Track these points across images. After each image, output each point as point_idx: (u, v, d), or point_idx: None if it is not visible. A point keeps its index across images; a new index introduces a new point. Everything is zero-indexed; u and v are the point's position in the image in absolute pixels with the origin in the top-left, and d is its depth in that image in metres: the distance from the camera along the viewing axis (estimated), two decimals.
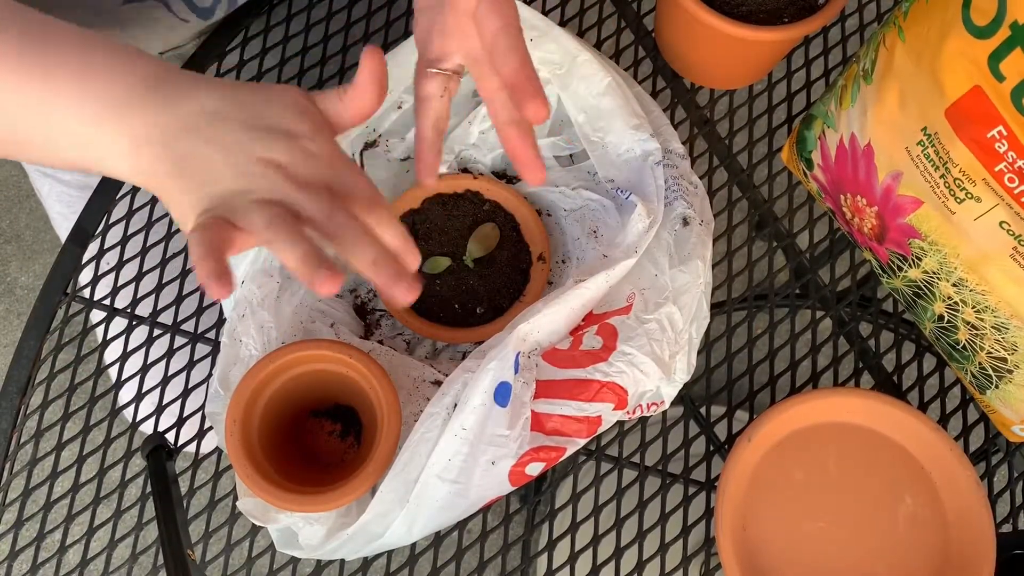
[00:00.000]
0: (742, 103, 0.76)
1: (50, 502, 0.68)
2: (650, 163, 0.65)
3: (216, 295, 0.45)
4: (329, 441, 0.64)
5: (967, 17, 0.49)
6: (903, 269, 0.62)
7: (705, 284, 0.64)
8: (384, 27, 0.78)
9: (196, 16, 0.74)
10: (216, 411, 0.62)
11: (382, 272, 0.48)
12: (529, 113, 0.53)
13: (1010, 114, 0.49)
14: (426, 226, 0.68)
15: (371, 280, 0.48)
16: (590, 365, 0.60)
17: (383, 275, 0.48)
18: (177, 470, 0.66)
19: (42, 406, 0.70)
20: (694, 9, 0.66)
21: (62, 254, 0.73)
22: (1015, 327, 0.57)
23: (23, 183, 1.57)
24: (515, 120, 0.58)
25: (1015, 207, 0.51)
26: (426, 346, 0.67)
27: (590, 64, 0.67)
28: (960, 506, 0.60)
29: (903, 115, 0.55)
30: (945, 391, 0.70)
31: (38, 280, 1.53)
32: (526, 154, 0.58)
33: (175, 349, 0.71)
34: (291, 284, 0.65)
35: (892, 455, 0.62)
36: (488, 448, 0.57)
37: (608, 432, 0.63)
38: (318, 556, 0.60)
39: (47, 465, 0.69)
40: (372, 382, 0.59)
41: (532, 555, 0.68)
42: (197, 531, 0.66)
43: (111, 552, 0.66)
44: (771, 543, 0.61)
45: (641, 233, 0.62)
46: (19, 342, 0.70)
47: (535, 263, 0.67)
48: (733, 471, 0.61)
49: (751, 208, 0.73)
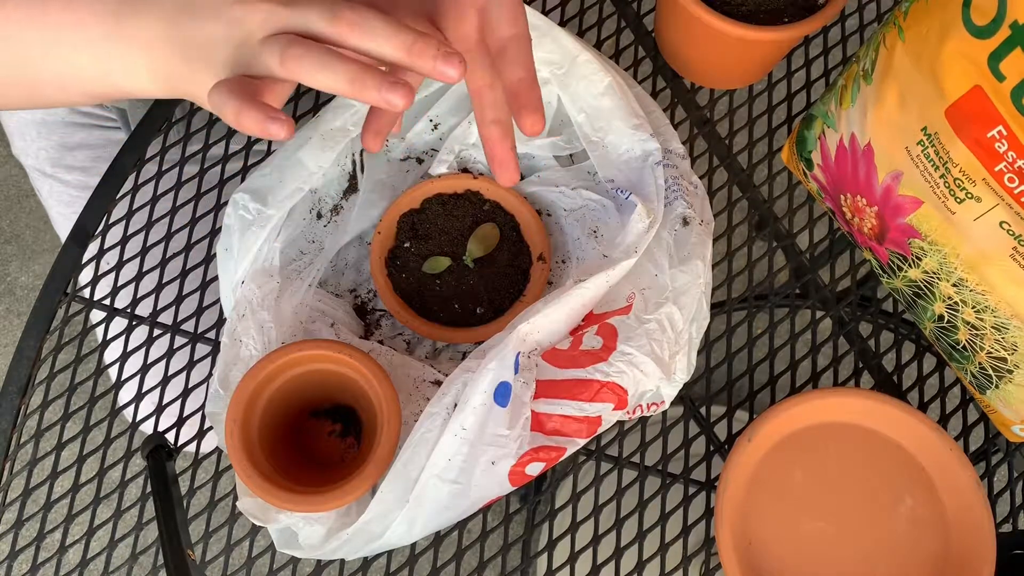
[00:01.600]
0: (742, 103, 0.76)
1: (50, 502, 0.68)
2: (650, 163, 0.65)
3: (278, 134, 0.42)
4: (329, 441, 0.64)
5: (967, 17, 0.49)
6: (903, 269, 0.62)
7: (705, 284, 0.64)
8: None
9: None
10: (216, 411, 0.62)
11: (424, 53, 0.44)
12: (526, 125, 0.53)
13: (1010, 114, 0.49)
14: (426, 226, 0.68)
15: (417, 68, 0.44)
16: (590, 365, 0.60)
17: (426, 56, 0.44)
18: (177, 470, 0.66)
19: (42, 406, 0.70)
20: (694, 9, 0.66)
21: (62, 254, 0.73)
22: (1015, 327, 0.57)
23: (23, 183, 1.57)
24: (500, 120, 0.58)
25: (1015, 207, 0.51)
26: (426, 346, 0.67)
27: (590, 64, 0.67)
28: (960, 506, 0.60)
29: (903, 115, 0.55)
30: (945, 391, 0.70)
31: (38, 280, 1.53)
32: (504, 154, 0.58)
33: (175, 349, 0.71)
34: (291, 284, 0.65)
35: (892, 455, 0.62)
36: (488, 448, 0.57)
37: (608, 432, 0.63)
38: (318, 556, 0.60)
39: (47, 465, 0.69)
40: (372, 382, 0.59)
41: (532, 555, 0.68)
42: (197, 531, 0.66)
43: (111, 552, 0.66)
44: (771, 543, 0.61)
45: (641, 233, 0.62)
46: (19, 342, 0.70)
47: (535, 263, 0.67)
48: (733, 471, 0.61)
49: (751, 208, 0.73)
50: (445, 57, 0.44)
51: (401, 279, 0.67)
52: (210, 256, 0.73)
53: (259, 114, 0.42)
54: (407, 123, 0.71)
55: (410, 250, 0.68)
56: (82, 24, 0.50)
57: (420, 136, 0.71)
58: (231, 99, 0.43)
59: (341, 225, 0.69)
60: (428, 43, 0.44)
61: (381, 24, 0.44)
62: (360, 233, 0.69)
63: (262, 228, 0.63)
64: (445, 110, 0.70)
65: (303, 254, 0.68)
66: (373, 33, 0.44)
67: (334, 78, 0.43)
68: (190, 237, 0.73)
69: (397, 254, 0.68)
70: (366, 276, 0.69)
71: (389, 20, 0.45)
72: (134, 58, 0.49)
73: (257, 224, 0.63)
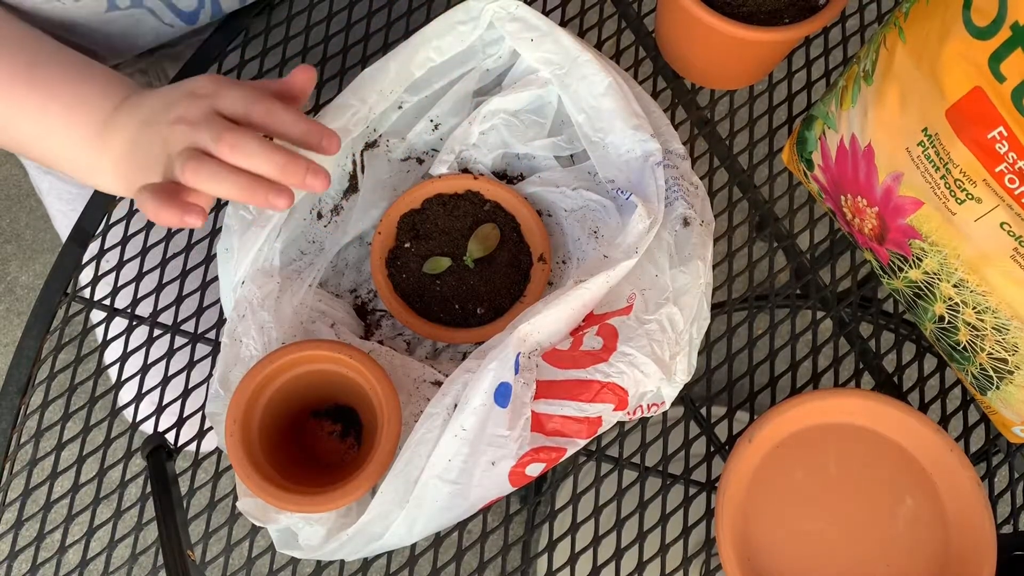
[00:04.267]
0: (742, 104, 0.76)
1: (50, 502, 0.68)
2: (650, 163, 0.65)
3: (194, 224, 0.52)
4: (329, 441, 0.64)
5: (967, 18, 0.49)
6: (904, 270, 0.62)
7: (706, 284, 0.64)
8: (385, 27, 0.78)
9: (181, 21, 0.74)
10: (216, 411, 0.62)
11: (296, 172, 0.54)
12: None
13: (1010, 115, 0.49)
14: (426, 226, 0.68)
15: (289, 183, 0.54)
16: (590, 366, 0.60)
17: (298, 174, 0.54)
18: (177, 470, 0.66)
19: (42, 406, 0.70)
20: (695, 9, 0.66)
21: (62, 254, 0.73)
22: (1016, 328, 0.57)
23: (23, 182, 1.57)
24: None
25: (1015, 208, 0.51)
26: (426, 346, 0.67)
27: (590, 64, 0.67)
28: (960, 507, 0.60)
29: (904, 116, 0.55)
30: (946, 392, 0.70)
31: (38, 279, 1.53)
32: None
33: (175, 349, 0.71)
34: (291, 284, 0.65)
35: (893, 456, 0.62)
36: (488, 449, 0.57)
37: (608, 433, 0.63)
38: (318, 557, 0.60)
39: (47, 465, 0.69)
40: (372, 382, 0.59)
41: (532, 556, 0.68)
42: (197, 531, 0.66)
43: (111, 552, 0.66)
44: (771, 544, 0.61)
45: (641, 233, 0.62)
46: (19, 342, 0.70)
47: (535, 263, 0.67)
48: (734, 472, 0.61)
49: (752, 209, 0.73)
50: (314, 173, 0.55)
51: (401, 279, 0.67)
52: (210, 256, 0.73)
53: (175, 210, 0.52)
54: (408, 123, 0.71)
55: (410, 250, 0.68)
56: (75, 126, 0.60)
57: (420, 136, 0.71)
58: (151, 200, 0.52)
59: (341, 225, 0.69)
60: (298, 164, 0.54)
61: (257, 147, 0.54)
62: (360, 233, 0.69)
63: (262, 228, 0.63)
64: (445, 110, 0.70)
65: (303, 254, 0.68)
66: (249, 154, 0.54)
67: (226, 188, 0.53)
68: (190, 237, 0.73)
69: (397, 254, 0.68)
70: (366, 276, 0.69)
71: (264, 144, 0.54)
72: (105, 165, 0.60)
73: (257, 224, 0.63)
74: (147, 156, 0.57)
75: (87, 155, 0.61)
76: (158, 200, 0.52)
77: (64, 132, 0.61)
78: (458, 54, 0.69)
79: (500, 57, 0.70)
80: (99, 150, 0.60)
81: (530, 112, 0.70)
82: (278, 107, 0.56)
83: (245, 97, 0.56)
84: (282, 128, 0.56)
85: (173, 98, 0.58)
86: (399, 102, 0.70)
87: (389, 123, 0.70)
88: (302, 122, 0.56)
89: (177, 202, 0.52)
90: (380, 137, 0.70)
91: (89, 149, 0.61)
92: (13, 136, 0.63)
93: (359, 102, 0.66)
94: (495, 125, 0.69)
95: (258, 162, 0.54)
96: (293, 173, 0.54)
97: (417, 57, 0.68)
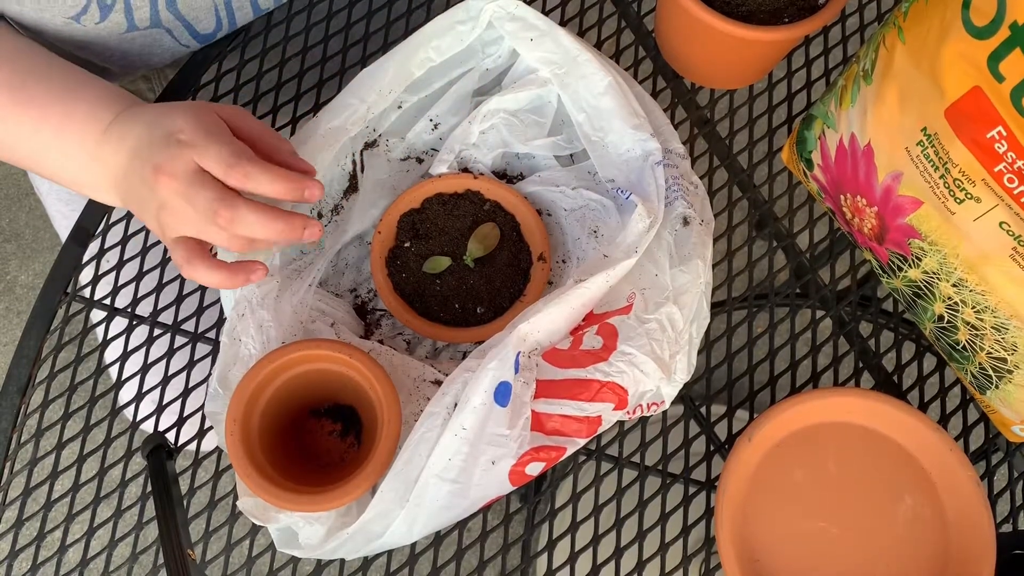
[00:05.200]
0: (742, 103, 0.76)
1: (50, 501, 0.68)
2: (650, 163, 0.65)
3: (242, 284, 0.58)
4: (329, 441, 0.64)
5: (966, 18, 0.49)
6: (903, 269, 0.62)
7: (705, 284, 0.64)
8: (384, 27, 0.78)
9: (197, 41, 0.74)
10: (216, 411, 0.62)
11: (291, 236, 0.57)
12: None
13: (1009, 115, 0.49)
14: (426, 226, 0.68)
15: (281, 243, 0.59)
16: (590, 365, 0.60)
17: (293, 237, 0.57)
18: (177, 469, 0.66)
19: (42, 406, 0.70)
20: (694, 9, 0.66)
21: (62, 253, 0.73)
22: (1015, 327, 0.57)
23: (23, 181, 1.57)
24: None
25: (1015, 207, 0.51)
26: (426, 346, 0.67)
27: (590, 64, 0.67)
28: (960, 506, 0.60)
29: (903, 115, 0.55)
30: (945, 391, 0.70)
31: (38, 279, 1.53)
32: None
33: (175, 349, 0.71)
34: (291, 284, 0.65)
35: (892, 455, 0.62)
36: (488, 448, 0.57)
37: (608, 432, 0.63)
38: (318, 556, 0.60)
39: (47, 464, 0.69)
40: (372, 382, 0.59)
41: (532, 555, 0.68)
42: (197, 531, 0.66)
43: (111, 551, 0.66)
44: (771, 543, 0.61)
45: (641, 233, 0.62)
46: (19, 341, 0.70)
47: (535, 263, 0.67)
48: (733, 471, 0.61)
49: (751, 208, 0.74)
50: (310, 227, 0.58)
51: (401, 279, 0.67)
52: None
53: (240, 275, 0.57)
54: (407, 123, 0.71)
55: (410, 250, 0.68)
56: (69, 146, 0.62)
57: (420, 136, 0.71)
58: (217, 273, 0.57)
59: (341, 225, 0.69)
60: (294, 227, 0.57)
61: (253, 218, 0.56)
62: (360, 233, 0.69)
63: None
64: (445, 110, 0.70)
65: (303, 254, 0.68)
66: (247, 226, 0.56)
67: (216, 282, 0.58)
68: None
69: (397, 254, 0.68)
70: (366, 276, 0.69)
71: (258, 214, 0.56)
72: (103, 183, 0.62)
73: None
74: (138, 194, 0.59)
75: (85, 174, 0.63)
76: (223, 271, 0.57)
77: (60, 152, 0.62)
78: (458, 54, 0.69)
79: (500, 57, 0.70)
80: (95, 172, 0.62)
81: (530, 112, 0.70)
82: (256, 170, 0.56)
83: (223, 161, 0.56)
84: (260, 191, 0.56)
85: (155, 136, 0.58)
86: (399, 102, 0.70)
87: (389, 123, 0.70)
88: (279, 181, 0.57)
89: (235, 267, 0.57)
90: (380, 137, 0.70)
91: (85, 170, 0.62)
92: (17, 156, 0.65)
93: (358, 101, 0.66)
94: (495, 125, 0.69)
95: (256, 232, 0.56)
96: (291, 234, 0.57)
97: (416, 57, 0.68)
